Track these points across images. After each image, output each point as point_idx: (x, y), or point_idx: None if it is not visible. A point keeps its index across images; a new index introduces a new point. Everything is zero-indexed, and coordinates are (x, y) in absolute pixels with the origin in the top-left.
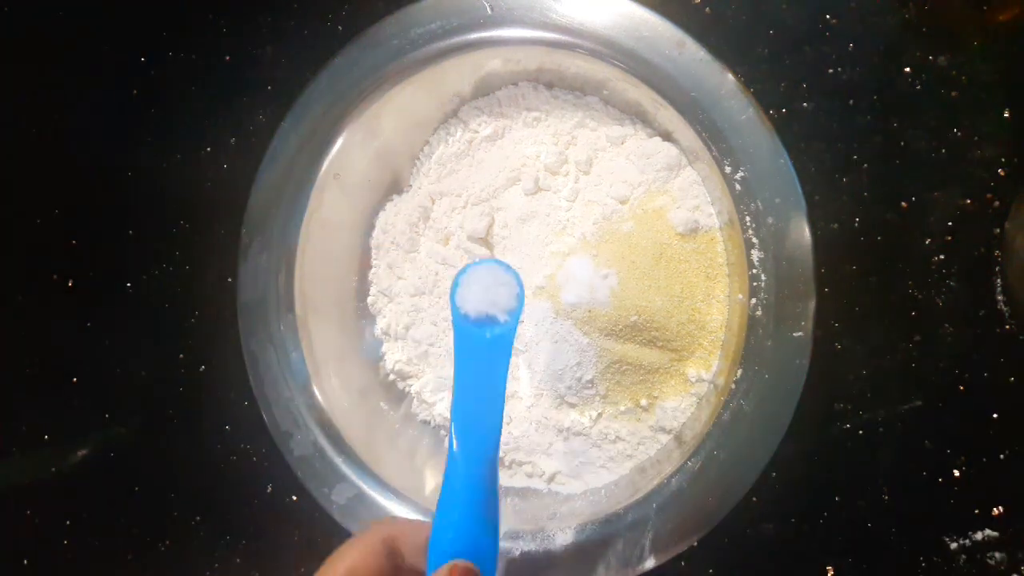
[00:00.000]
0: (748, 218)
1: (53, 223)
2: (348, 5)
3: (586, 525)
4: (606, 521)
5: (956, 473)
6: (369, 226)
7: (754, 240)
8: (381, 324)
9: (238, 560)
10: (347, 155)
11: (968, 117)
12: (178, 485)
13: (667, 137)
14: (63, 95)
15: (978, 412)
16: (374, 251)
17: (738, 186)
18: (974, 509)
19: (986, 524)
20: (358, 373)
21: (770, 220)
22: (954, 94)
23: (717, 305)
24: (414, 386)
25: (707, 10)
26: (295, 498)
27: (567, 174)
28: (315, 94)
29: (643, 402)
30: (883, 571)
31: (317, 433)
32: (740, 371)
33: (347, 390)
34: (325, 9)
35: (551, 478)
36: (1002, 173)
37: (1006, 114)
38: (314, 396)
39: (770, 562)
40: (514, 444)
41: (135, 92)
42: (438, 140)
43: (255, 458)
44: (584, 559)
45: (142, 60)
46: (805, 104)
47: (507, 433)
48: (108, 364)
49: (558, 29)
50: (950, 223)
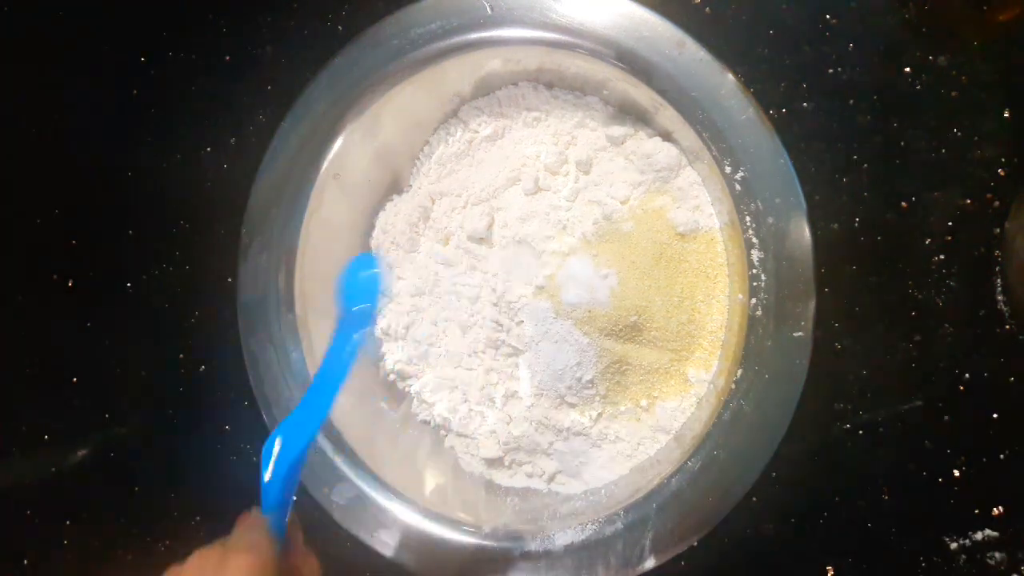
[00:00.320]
0: (748, 218)
1: (53, 223)
2: (348, 5)
3: (586, 525)
4: (606, 521)
5: (956, 473)
6: (369, 226)
7: (754, 240)
8: (381, 324)
9: None
10: (347, 155)
11: (968, 117)
12: (178, 485)
13: (667, 137)
14: (63, 95)
15: (978, 412)
16: (374, 251)
17: (738, 186)
18: (974, 509)
19: (986, 524)
20: (358, 373)
21: (770, 220)
22: (954, 94)
23: (717, 305)
24: (414, 386)
25: (707, 10)
26: (295, 498)
27: (567, 174)
28: (315, 94)
29: (643, 402)
30: (883, 571)
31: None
32: (740, 371)
33: (347, 390)
34: (325, 9)
35: (551, 478)
36: (1002, 173)
37: (1006, 114)
38: None
39: (770, 562)
40: (514, 444)
41: (135, 92)
42: (438, 140)
43: (255, 458)
44: (584, 559)
45: (142, 60)
46: (805, 104)
47: (507, 433)
48: (108, 364)
49: (558, 29)
50: (950, 223)
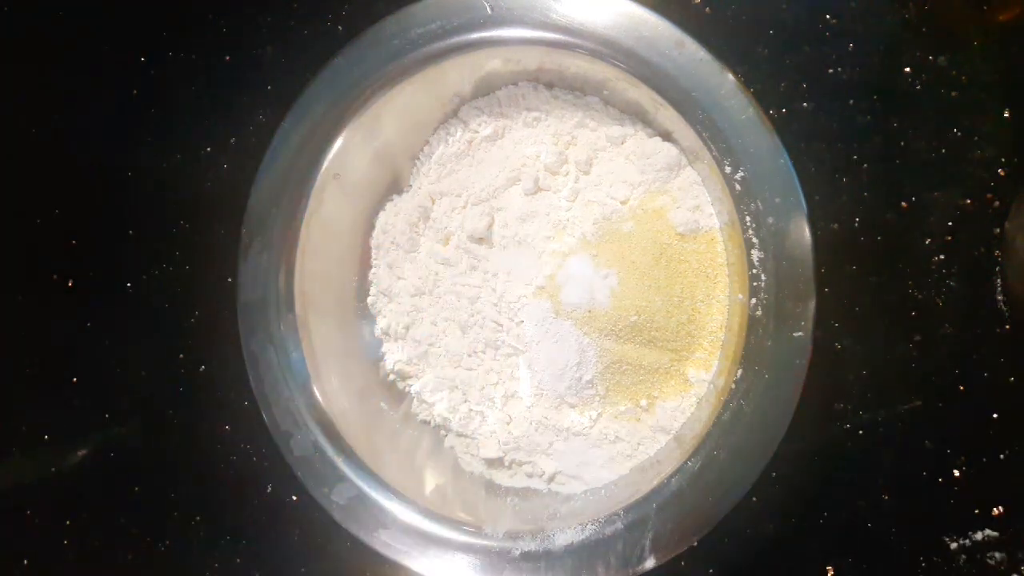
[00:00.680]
0: (748, 218)
1: (53, 223)
2: (348, 5)
3: (586, 525)
4: (606, 521)
5: (956, 473)
6: (369, 226)
7: (754, 240)
8: (381, 324)
9: (238, 560)
10: (347, 155)
11: (968, 117)
12: (178, 485)
13: (667, 137)
14: (63, 95)
15: (978, 412)
16: (374, 251)
17: (738, 186)
18: (974, 509)
19: (986, 524)
20: (358, 373)
21: (770, 220)
22: (954, 94)
23: (717, 305)
24: (414, 386)
25: (707, 10)
26: (295, 498)
27: (567, 174)
28: (315, 94)
29: (643, 402)
30: (883, 571)
31: (317, 433)
32: (740, 371)
33: (347, 390)
34: (325, 9)
35: (551, 478)
36: (1002, 173)
37: (1006, 114)
38: (314, 396)
39: (770, 562)
40: (514, 444)
41: (135, 92)
42: (438, 140)
43: (255, 458)
44: (584, 559)
45: (142, 60)
46: (805, 104)
47: (507, 433)
48: (108, 364)
49: (558, 29)
50: (950, 223)
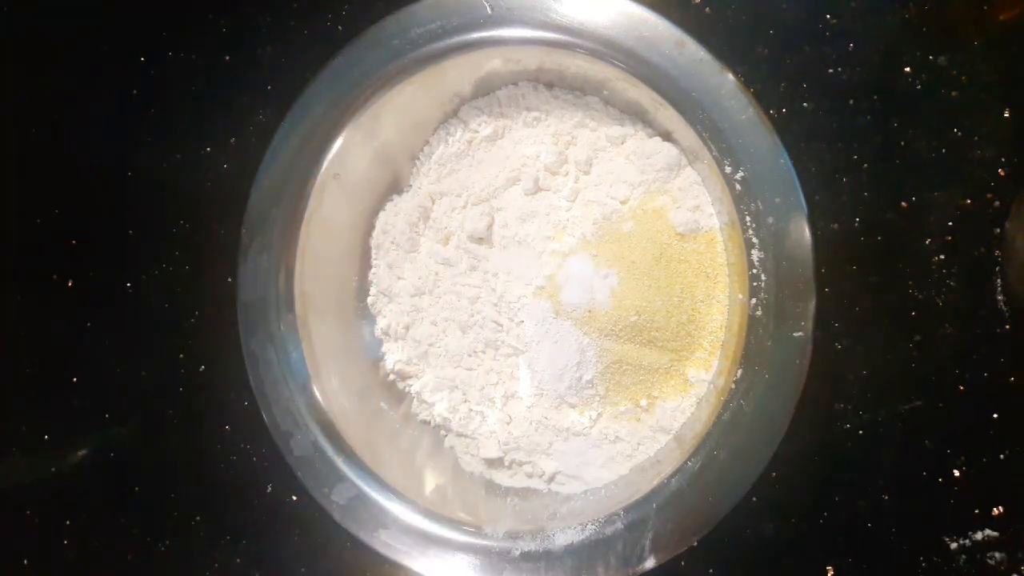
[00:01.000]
0: (748, 218)
1: (53, 223)
2: (348, 5)
3: (586, 525)
4: (606, 521)
5: (956, 473)
6: (369, 226)
7: (754, 240)
8: (381, 324)
9: (238, 560)
10: (347, 155)
11: (968, 117)
12: (178, 485)
13: (667, 137)
14: (63, 95)
15: (978, 412)
16: (374, 251)
17: (738, 186)
18: (974, 509)
19: (986, 524)
20: (358, 373)
21: (770, 220)
22: (954, 94)
23: (717, 305)
24: (414, 386)
25: (707, 10)
26: (295, 498)
27: (567, 174)
28: (315, 94)
29: (643, 402)
30: (883, 571)
31: (317, 433)
32: (740, 371)
33: (347, 390)
34: (325, 9)
35: (551, 478)
36: (1002, 173)
37: (1006, 114)
38: (314, 396)
39: (770, 562)
40: (514, 444)
41: (135, 92)
42: (438, 140)
43: (255, 458)
44: (584, 559)
45: (142, 60)
46: (805, 104)
47: (507, 433)
48: (108, 364)
49: (558, 29)
50: (950, 223)
